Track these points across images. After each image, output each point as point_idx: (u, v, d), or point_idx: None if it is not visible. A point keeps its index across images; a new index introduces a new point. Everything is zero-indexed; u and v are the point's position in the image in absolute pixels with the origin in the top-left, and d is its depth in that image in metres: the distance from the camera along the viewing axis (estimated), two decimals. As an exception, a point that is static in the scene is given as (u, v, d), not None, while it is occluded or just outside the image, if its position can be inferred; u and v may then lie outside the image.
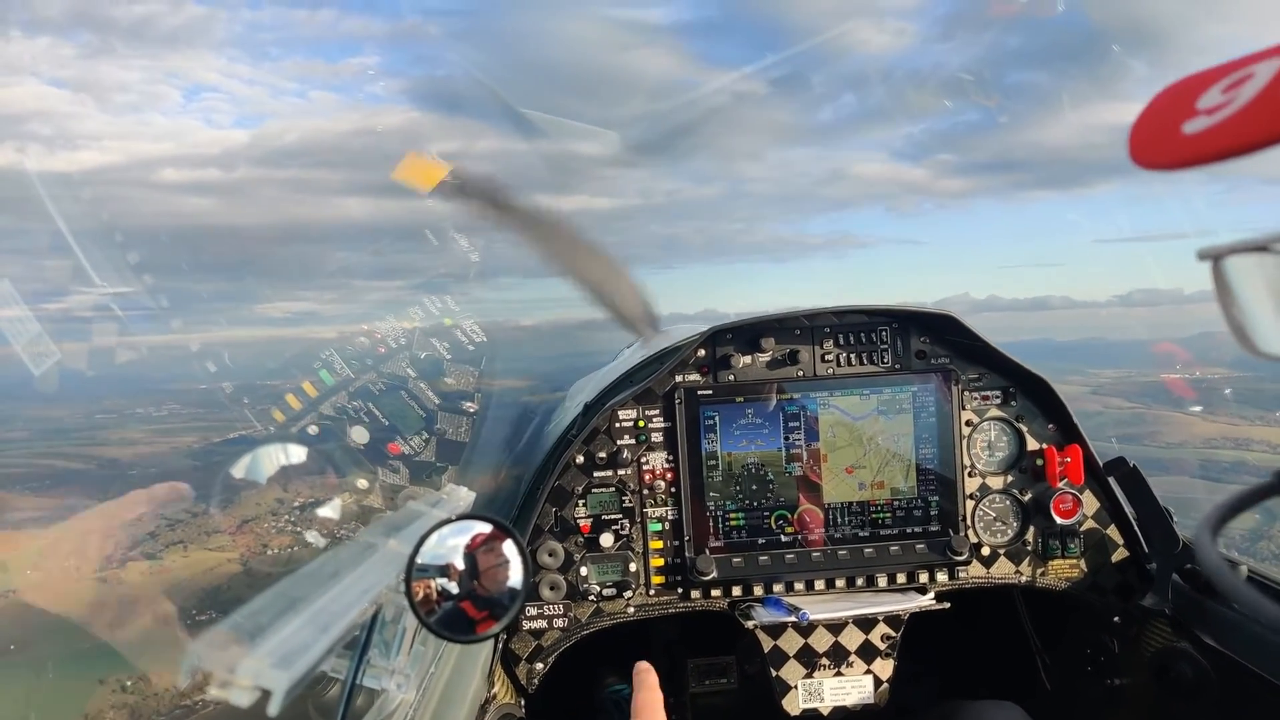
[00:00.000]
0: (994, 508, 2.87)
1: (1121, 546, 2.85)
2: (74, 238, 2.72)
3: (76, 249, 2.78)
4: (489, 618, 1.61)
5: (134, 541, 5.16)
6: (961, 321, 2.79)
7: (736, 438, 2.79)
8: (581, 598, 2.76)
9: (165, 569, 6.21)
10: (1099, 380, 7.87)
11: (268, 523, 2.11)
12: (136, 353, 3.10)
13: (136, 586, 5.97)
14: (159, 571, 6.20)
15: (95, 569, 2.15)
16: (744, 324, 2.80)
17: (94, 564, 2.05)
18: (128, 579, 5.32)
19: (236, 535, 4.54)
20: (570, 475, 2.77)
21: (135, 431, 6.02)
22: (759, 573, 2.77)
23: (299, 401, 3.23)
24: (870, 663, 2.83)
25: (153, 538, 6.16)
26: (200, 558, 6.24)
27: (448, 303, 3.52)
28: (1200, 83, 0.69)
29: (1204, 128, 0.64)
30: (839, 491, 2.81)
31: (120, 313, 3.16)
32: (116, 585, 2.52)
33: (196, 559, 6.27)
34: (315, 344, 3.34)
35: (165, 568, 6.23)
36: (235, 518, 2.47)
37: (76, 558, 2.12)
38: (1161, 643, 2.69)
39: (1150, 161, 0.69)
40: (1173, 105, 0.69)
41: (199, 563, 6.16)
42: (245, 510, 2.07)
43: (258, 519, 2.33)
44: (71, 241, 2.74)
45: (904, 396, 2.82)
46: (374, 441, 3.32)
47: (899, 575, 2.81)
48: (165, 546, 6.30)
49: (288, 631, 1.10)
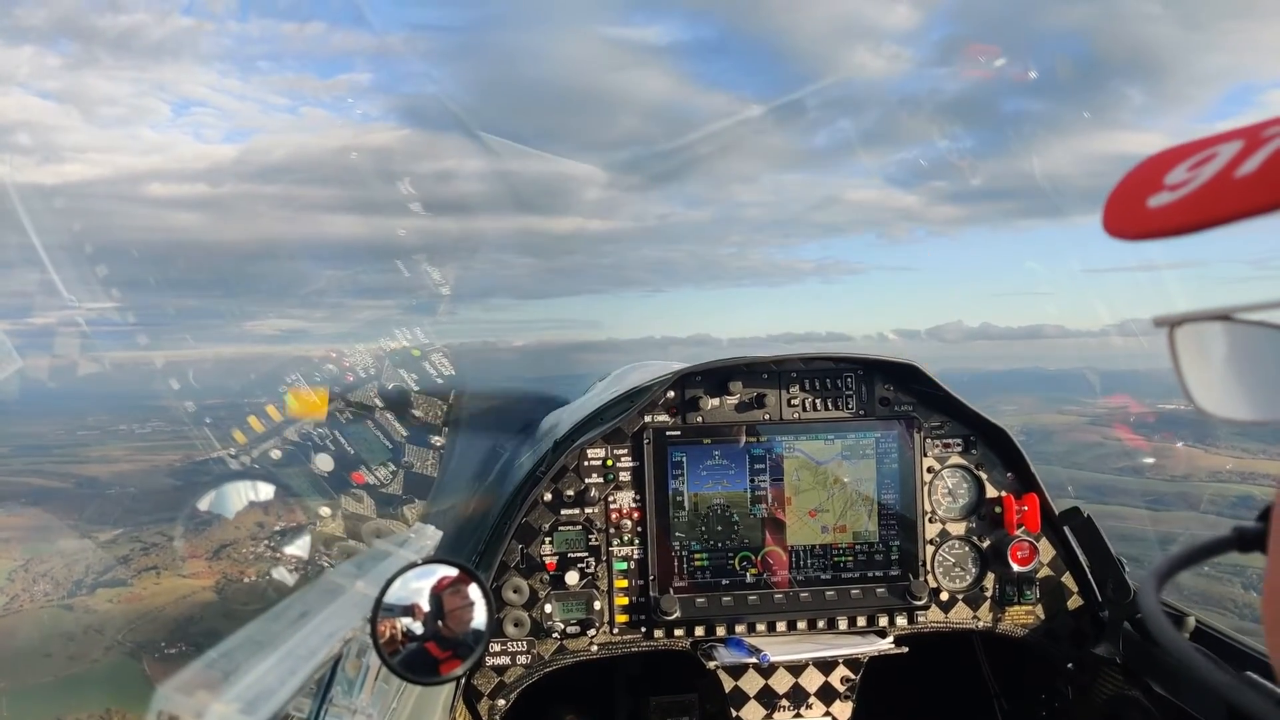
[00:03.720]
0: (953, 553, 2.92)
1: (1076, 594, 2.92)
2: (58, 252, 2.71)
3: (60, 263, 2.76)
4: (453, 658, 1.62)
5: (106, 566, 5.04)
6: (924, 371, 2.86)
7: (703, 478, 2.83)
8: (545, 635, 2.76)
9: (136, 596, 6.06)
10: (1095, 411, 7.79)
11: (246, 547, 2.10)
12: (119, 369, 3.07)
13: (104, 616, 5.83)
14: (129, 599, 6.05)
15: (65, 594, 2.12)
16: (713, 367, 2.85)
17: (64, 589, 2.03)
18: (96, 607, 5.19)
19: (212, 561, 4.47)
20: (537, 512, 2.78)
21: (117, 449, 5.89)
22: (722, 613, 2.80)
23: (262, 424, 3.22)
24: (829, 704, 2.85)
25: (125, 563, 6.03)
26: (172, 585, 6.10)
27: (417, 334, 3.54)
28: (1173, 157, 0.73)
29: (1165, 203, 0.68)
30: (802, 534, 2.85)
31: (103, 328, 3.13)
32: (84, 614, 2.49)
33: (169, 586, 6.12)
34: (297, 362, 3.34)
35: (136, 595, 6.08)
36: (213, 541, 2.45)
37: (46, 581, 2.09)
38: (1113, 690, 2.74)
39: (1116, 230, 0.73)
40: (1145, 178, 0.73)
41: (171, 590, 6.03)
42: (225, 534, 2.06)
43: (236, 543, 2.32)
44: (52, 255, 2.73)
45: (867, 442, 2.87)
46: (338, 469, 3.31)
47: (859, 618, 2.84)
48: (138, 572, 6.15)
49: (254, 675, 1.11)
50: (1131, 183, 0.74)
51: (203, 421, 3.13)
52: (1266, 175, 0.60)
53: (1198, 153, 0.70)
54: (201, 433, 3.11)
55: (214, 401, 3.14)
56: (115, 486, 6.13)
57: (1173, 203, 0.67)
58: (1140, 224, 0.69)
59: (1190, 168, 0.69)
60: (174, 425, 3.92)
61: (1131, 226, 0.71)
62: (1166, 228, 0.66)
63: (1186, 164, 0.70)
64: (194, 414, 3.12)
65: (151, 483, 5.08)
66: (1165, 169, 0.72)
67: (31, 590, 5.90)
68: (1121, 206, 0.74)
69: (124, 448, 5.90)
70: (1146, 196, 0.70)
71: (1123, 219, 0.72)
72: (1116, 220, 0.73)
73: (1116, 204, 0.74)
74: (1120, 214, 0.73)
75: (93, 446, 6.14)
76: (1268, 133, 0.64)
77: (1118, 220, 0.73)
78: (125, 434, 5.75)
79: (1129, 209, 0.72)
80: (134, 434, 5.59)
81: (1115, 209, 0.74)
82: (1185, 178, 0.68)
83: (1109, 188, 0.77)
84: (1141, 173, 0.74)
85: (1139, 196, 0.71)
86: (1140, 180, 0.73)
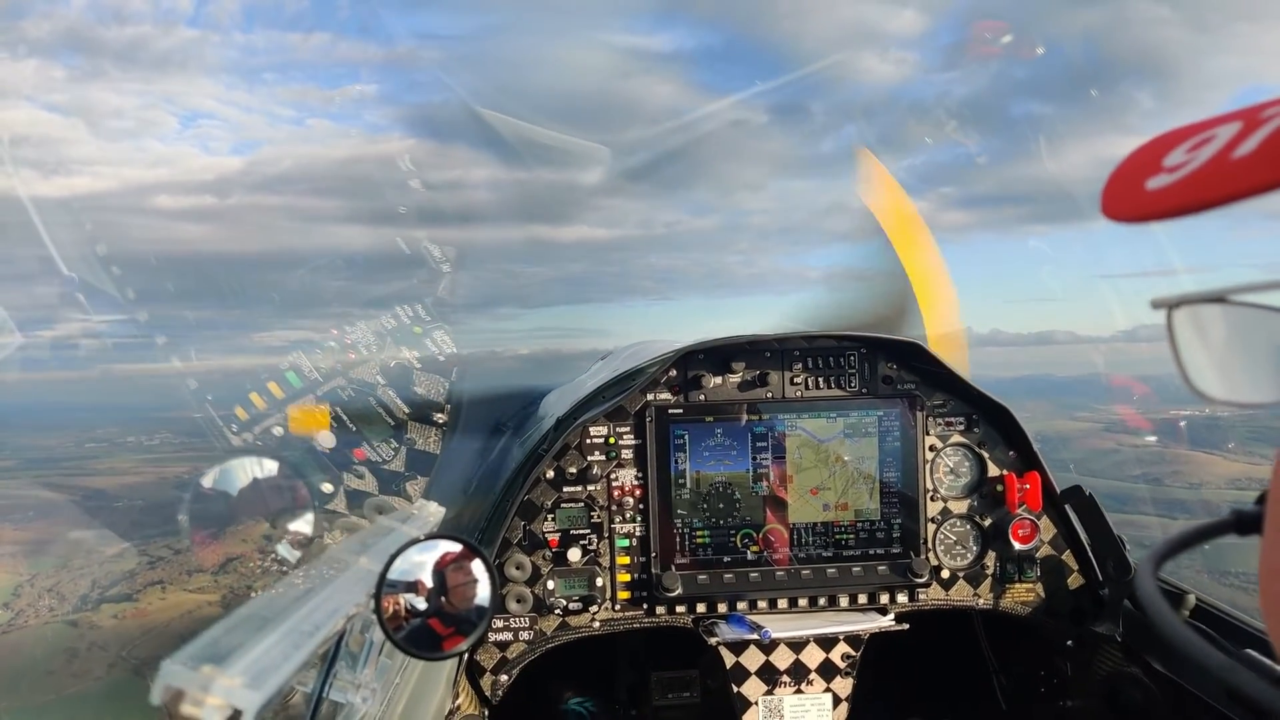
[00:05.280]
0: (954, 531, 2.93)
1: (1076, 572, 2.92)
2: (65, 264, 2.71)
3: (68, 276, 2.76)
4: (455, 634, 1.63)
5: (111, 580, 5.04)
6: (927, 349, 2.85)
7: (705, 457, 2.83)
8: (548, 611, 2.78)
9: (141, 611, 6.05)
10: (1110, 417, 7.67)
11: (254, 561, 2.11)
12: (127, 381, 3.08)
13: (108, 632, 5.83)
14: (134, 614, 6.04)
15: (70, 609, 2.13)
16: (715, 345, 2.84)
17: (70, 604, 2.04)
18: (101, 623, 5.18)
19: (218, 576, 4.46)
20: (540, 490, 2.79)
21: (125, 461, 5.87)
22: (723, 590, 2.81)
23: (264, 401, 3.22)
24: (830, 681, 2.87)
25: (130, 577, 6.04)
26: (178, 600, 6.09)
27: (419, 311, 3.52)
28: (1172, 140, 0.72)
29: (1163, 185, 0.67)
30: (804, 512, 2.86)
31: (111, 340, 3.13)
32: (89, 630, 2.50)
33: (174, 601, 6.11)
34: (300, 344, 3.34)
35: (141, 610, 6.07)
36: (219, 555, 2.46)
37: (51, 596, 2.10)
38: (1112, 667, 2.76)
39: (1114, 213, 0.72)
40: (1144, 160, 0.73)
41: (176, 605, 6.02)
42: (232, 547, 2.06)
43: (243, 558, 2.32)
44: (59, 268, 2.73)
45: (870, 420, 2.87)
46: (340, 446, 3.31)
47: (860, 596, 2.86)
48: (143, 587, 6.15)
49: (259, 650, 1.12)
50: (1131, 165, 0.74)
51: (211, 432, 3.13)
52: (1264, 155, 0.60)
53: (1196, 134, 0.69)
54: (209, 444, 3.11)
55: (223, 412, 3.13)
56: (123, 499, 6.13)
57: (1170, 184, 0.66)
58: (1138, 206, 0.69)
59: (1189, 149, 0.68)
60: (182, 437, 3.93)
61: (1129, 209, 0.70)
62: (1164, 209, 0.66)
63: (1185, 146, 0.69)
64: (202, 425, 3.12)
65: (159, 495, 5.09)
66: (1164, 151, 0.71)
67: (37, 605, 5.92)
68: (1120, 189, 0.73)
69: (132, 460, 5.90)
70: (1145, 179, 0.69)
71: (1121, 201, 0.72)
72: (1115, 202, 0.72)
73: (1115, 186, 0.74)
74: (1118, 196, 0.72)
75: (100, 459, 6.14)
76: (1266, 114, 0.64)
77: (1116, 202, 0.72)
78: (134, 446, 5.75)
79: (1127, 191, 0.71)
80: (142, 446, 5.59)
81: (1114, 191, 0.73)
82: (1184, 159, 0.67)
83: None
84: (1141, 155, 0.74)
85: (1138, 179, 0.70)
86: (1140, 163, 0.73)
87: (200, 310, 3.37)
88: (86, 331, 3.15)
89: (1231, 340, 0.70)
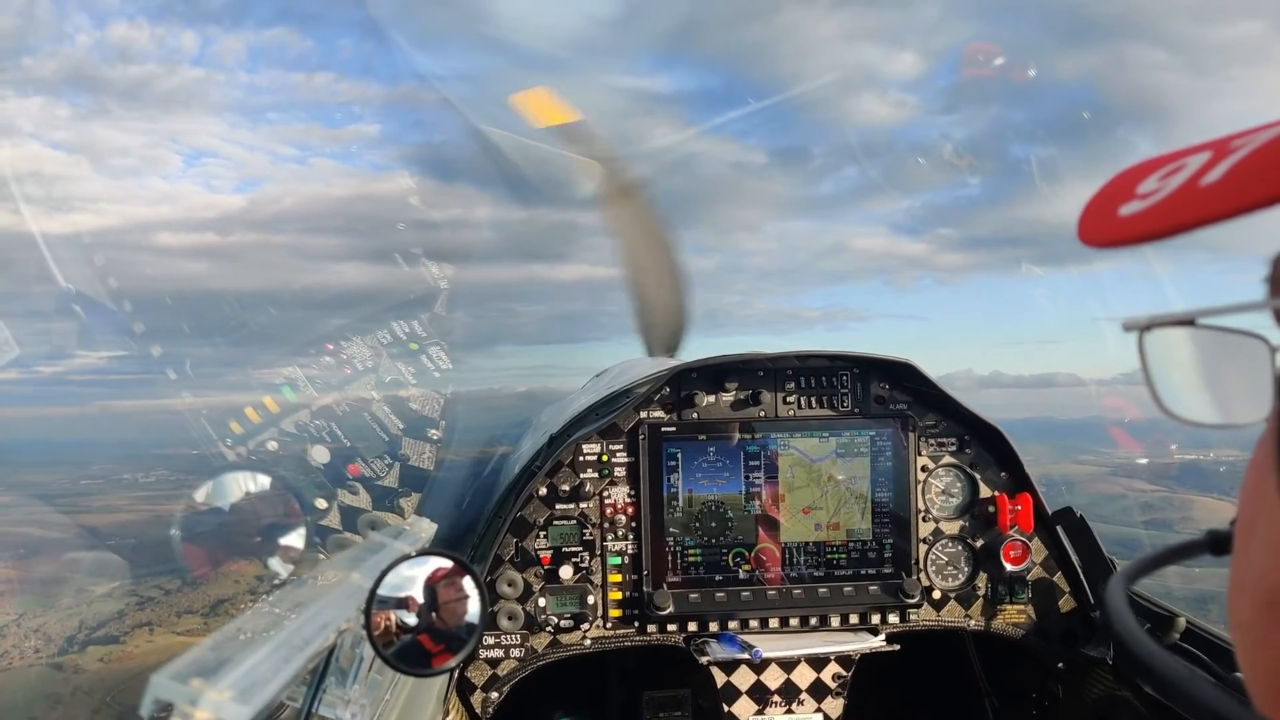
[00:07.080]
0: (946, 552, 2.93)
1: (1068, 594, 2.93)
2: (66, 301, 2.72)
3: (69, 313, 2.77)
4: (446, 651, 1.63)
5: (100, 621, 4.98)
6: (920, 369, 2.87)
7: (698, 475, 2.84)
8: (539, 628, 2.78)
9: (128, 655, 5.99)
10: (1114, 460, 7.61)
11: (243, 603, 2.10)
12: (125, 418, 3.08)
13: (93, 676, 5.76)
14: (120, 658, 5.97)
15: (56, 650, 2.12)
16: (709, 364, 2.86)
17: (56, 645, 2.03)
18: (86, 666, 5.10)
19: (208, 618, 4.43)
20: (532, 507, 2.79)
21: (119, 498, 5.83)
22: (715, 609, 2.81)
23: (258, 416, 3.22)
24: (821, 701, 2.86)
25: (120, 617, 5.99)
26: (165, 643, 6.02)
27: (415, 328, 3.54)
28: (1147, 169, 0.74)
29: (1135, 211, 0.70)
30: (796, 531, 2.86)
31: (110, 376, 3.14)
32: (73, 674, 2.47)
33: (162, 644, 6.05)
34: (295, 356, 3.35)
35: (128, 653, 6.00)
36: (209, 597, 2.45)
37: (38, 637, 2.09)
38: (1103, 690, 2.76)
39: (1088, 238, 0.74)
40: (1118, 188, 0.75)
41: (164, 648, 5.96)
42: (221, 589, 2.06)
43: (233, 599, 2.32)
44: (60, 304, 2.74)
45: (862, 440, 2.88)
46: (334, 461, 3.32)
47: (852, 616, 2.86)
48: (131, 629, 6.10)
49: (249, 664, 1.12)
50: (1107, 193, 0.76)
51: (204, 443, 3.13)
52: (1227, 184, 0.62)
53: (1169, 164, 0.72)
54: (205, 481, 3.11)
55: (220, 449, 3.13)
56: (115, 537, 6.08)
57: (1141, 211, 0.69)
58: (1110, 232, 0.71)
59: (1161, 177, 0.71)
60: (179, 474, 3.93)
61: (1102, 234, 0.72)
62: (1133, 235, 0.68)
63: (1158, 174, 0.72)
64: (198, 461, 3.12)
65: (152, 534, 5.06)
66: (1139, 179, 0.73)
67: (22, 647, 5.84)
68: (1095, 215, 0.75)
69: (126, 497, 5.87)
70: (1119, 205, 0.72)
71: (1095, 228, 0.74)
72: (1089, 229, 0.75)
73: (1090, 213, 0.76)
74: (1093, 223, 0.75)
75: (95, 496, 6.10)
76: (1234, 144, 0.66)
77: (1090, 228, 0.75)
78: (129, 483, 5.73)
79: (1101, 217, 0.74)
80: (138, 483, 5.57)
81: (1089, 218, 0.76)
82: (1155, 187, 0.70)
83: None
84: (1117, 183, 0.76)
85: (1112, 206, 0.73)
86: (1115, 190, 0.75)
87: (200, 347, 3.38)
88: (85, 367, 3.16)
89: (1200, 362, 0.72)
